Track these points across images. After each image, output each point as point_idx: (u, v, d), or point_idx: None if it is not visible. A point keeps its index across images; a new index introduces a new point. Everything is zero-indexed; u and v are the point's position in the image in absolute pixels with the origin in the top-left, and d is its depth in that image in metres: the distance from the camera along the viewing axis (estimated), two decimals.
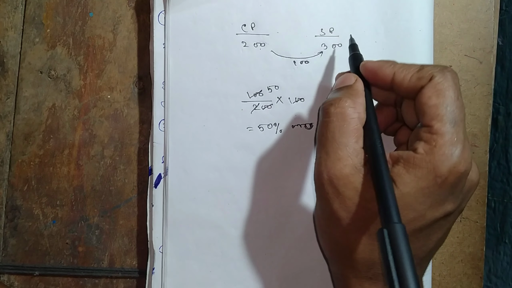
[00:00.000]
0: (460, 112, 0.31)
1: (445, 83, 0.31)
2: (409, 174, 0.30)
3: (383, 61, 0.35)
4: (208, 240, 0.41)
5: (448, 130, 0.30)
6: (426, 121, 0.31)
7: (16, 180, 0.44)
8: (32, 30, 0.44)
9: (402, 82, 0.33)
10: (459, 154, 0.29)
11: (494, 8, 0.44)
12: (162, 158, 0.41)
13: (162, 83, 0.41)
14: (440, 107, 0.30)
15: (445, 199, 0.30)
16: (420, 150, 0.30)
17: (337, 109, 0.32)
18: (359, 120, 0.32)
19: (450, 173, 0.29)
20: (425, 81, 0.31)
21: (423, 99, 0.31)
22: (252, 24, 0.41)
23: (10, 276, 0.44)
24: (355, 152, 0.31)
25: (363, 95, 0.34)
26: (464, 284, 0.44)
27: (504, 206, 0.50)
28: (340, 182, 0.31)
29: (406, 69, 0.33)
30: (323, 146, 0.33)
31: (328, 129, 0.32)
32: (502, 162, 0.50)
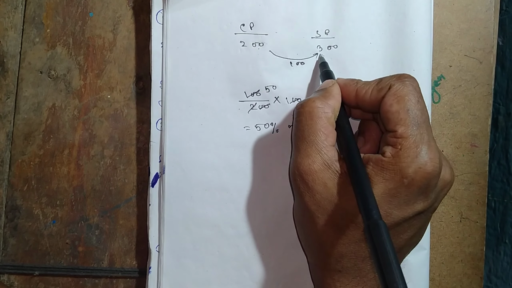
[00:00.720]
0: (422, 114, 0.32)
1: (404, 89, 0.32)
2: (377, 176, 0.31)
3: (349, 80, 0.37)
4: (205, 239, 0.41)
5: (411, 132, 0.31)
6: (391, 127, 0.32)
7: (16, 180, 0.44)
8: (32, 30, 0.44)
9: (364, 98, 0.34)
10: (425, 155, 0.31)
11: (494, 8, 0.44)
12: (159, 157, 0.41)
13: (160, 82, 0.41)
14: (401, 112, 0.32)
15: (414, 199, 0.31)
16: (387, 154, 0.31)
17: (305, 108, 0.34)
18: (327, 119, 0.34)
19: (416, 174, 0.30)
20: (385, 91, 0.33)
21: (385, 107, 0.32)
22: (251, 24, 0.41)
23: (10, 276, 0.44)
24: (324, 149, 0.33)
25: (335, 98, 0.35)
26: (464, 284, 0.44)
27: (504, 206, 0.50)
28: (309, 177, 0.32)
29: (367, 84, 0.35)
30: (295, 144, 0.34)
31: (298, 128, 0.34)
32: (502, 162, 0.50)
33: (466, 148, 0.44)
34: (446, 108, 0.44)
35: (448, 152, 0.44)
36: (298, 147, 0.34)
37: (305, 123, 0.34)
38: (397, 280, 0.25)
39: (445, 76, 0.44)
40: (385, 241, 0.27)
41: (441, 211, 0.44)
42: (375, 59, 0.41)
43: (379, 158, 0.31)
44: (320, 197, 0.32)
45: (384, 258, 0.26)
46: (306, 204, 0.33)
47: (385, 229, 0.27)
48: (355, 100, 0.35)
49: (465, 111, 0.44)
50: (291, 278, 0.41)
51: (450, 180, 0.34)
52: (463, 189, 0.44)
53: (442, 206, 0.44)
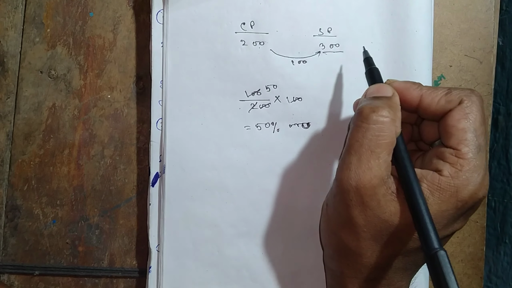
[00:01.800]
0: (484, 138, 0.31)
1: (474, 107, 0.31)
2: (433, 196, 0.30)
3: (410, 83, 0.35)
4: (205, 239, 0.41)
5: (474, 155, 0.30)
6: (453, 144, 0.31)
7: (16, 179, 0.44)
8: (32, 30, 0.44)
9: (430, 105, 0.33)
10: (481, 181, 0.30)
11: (494, 8, 0.44)
12: (160, 157, 0.41)
13: (160, 82, 0.41)
14: (468, 131, 0.31)
15: (457, 219, 0.31)
16: (445, 172, 0.30)
17: (378, 117, 0.32)
18: (396, 134, 0.32)
19: (470, 198, 0.30)
20: (454, 104, 0.32)
21: (452, 122, 0.31)
22: (252, 23, 0.41)
23: (10, 275, 0.44)
24: (385, 164, 0.31)
25: (400, 110, 0.33)
26: (465, 284, 0.44)
27: (504, 206, 0.50)
28: (367, 192, 0.31)
29: (434, 91, 0.33)
30: (356, 151, 0.32)
31: (365, 136, 0.32)
32: (502, 162, 0.50)
33: None
34: None
35: None
36: (360, 157, 0.31)
37: (374, 133, 0.31)
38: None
39: (445, 76, 0.44)
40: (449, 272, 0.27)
41: None
42: (376, 58, 0.41)
43: (435, 176, 0.31)
44: (371, 213, 0.31)
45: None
46: (353, 217, 0.32)
47: (448, 260, 0.27)
48: (417, 106, 0.34)
49: None
50: (291, 278, 0.41)
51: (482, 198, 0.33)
52: None
53: None
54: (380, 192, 0.31)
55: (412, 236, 0.31)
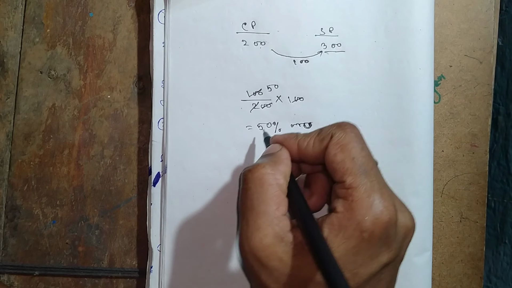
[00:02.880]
0: (368, 161, 0.30)
1: (346, 137, 0.31)
2: (337, 237, 0.29)
3: (287, 134, 0.35)
4: (206, 239, 0.41)
5: (361, 181, 0.29)
6: (338, 178, 0.30)
7: (16, 180, 0.44)
8: (32, 30, 0.44)
9: (307, 150, 0.33)
10: (379, 204, 0.29)
11: (494, 8, 0.44)
12: (161, 156, 0.41)
13: (161, 81, 0.41)
14: (347, 161, 0.30)
15: (377, 251, 0.29)
16: (339, 208, 0.29)
17: (254, 174, 0.31)
18: (278, 186, 0.31)
19: (374, 225, 0.28)
20: (327, 141, 0.31)
21: (330, 157, 0.31)
22: (253, 23, 0.41)
23: (10, 276, 0.44)
24: (276, 220, 0.30)
25: (286, 164, 0.33)
26: (464, 284, 0.44)
27: (504, 206, 0.50)
28: (262, 253, 0.29)
29: (307, 136, 0.33)
30: (243, 215, 0.31)
31: (247, 197, 0.31)
32: (502, 162, 0.50)
33: (466, 148, 0.44)
34: (446, 108, 0.44)
35: (448, 152, 0.44)
36: (247, 219, 0.30)
37: (255, 191, 0.31)
38: None
39: (445, 76, 0.44)
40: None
41: (441, 211, 0.44)
42: (380, 57, 0.41)
43: (332, 216, 0.29)
44: (278, 274, 0.29)
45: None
46: (264, 283, 0.30)
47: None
48: (298, 155, 0.33)
49: (465, 111, 0.44)
50: None
51: (411, 225, 0.31)
52: (463, 189, 0.44)
53: (442, 206, 0.44)
54: (279, 250, 0.29)
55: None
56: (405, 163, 0.40)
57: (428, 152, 0.41)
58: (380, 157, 0.36)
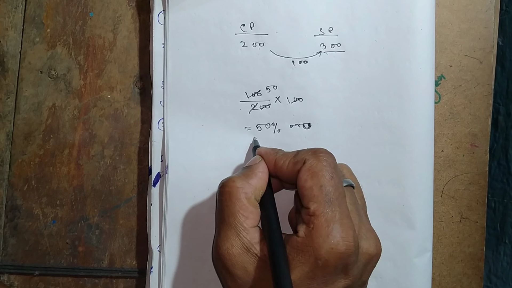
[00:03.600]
0: (335, 191, 0.31)
1: (318, 165, 0.31)
2: (294, 260, 0.30)
3: (270, 149, 0.36)
4: (206, 239, 0.41)
5: (323, 210, 0.30)
6: (305, 203, 0.31)
7: (16, 179, 0.44)
8: (32, 30, 0.44)
9: (282, 169, 0.34)
10: (337, 234, 0.29)
11: (494, 8, 0.44)
12: (161, 157, 0.41)
13: (161, 82, 0.41)
14: (315, 188, 0.31)
15: (333, 278, 0.30)
16: (300, 233, 0.30)
17: (225, 188, 0.33)
18: (247, 200, 0.32)
19: (329, 254, 0.29)
20: (300, 165, 0.32)
21: (300, 182, 0.31)
22: (251, 24, 0.41)
23: (10, 276, 0.44)
24: (243, 232, 0.32)
25: (259, 177, 0.34)
26: (464, 284, 0.44)
27: (504, 206, 0.50)
28: (228, 262, 0.31)
29: (285, 155, 0.34)
30: (217, 225, 0.33)
31: (219, 208, 0.33)
32: (502, 162, 0.50)
33: (466, 148, 0.44)
34: (446, 108, 0.44)
35: (448, 152, 0.44)
36: (219, 229, 0.33)
37: (225, 204, 0.33)
38: None
39: (446, 76, 0.44)
40: None
41: (441, 211, 0.44)
42: (381, 57, 0.41)
43: (293, 239, 0.30)
44: (242, 282, 0.31)
45: None
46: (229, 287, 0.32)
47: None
48: (274, 171, 0.35)
49: (465, 111, 0.44)
50: None
51: (375, 253, 0.32)
52: (463, 189, 0.44)
53: (442, 206, 0.44)
54: (244, 260, 0.31)
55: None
56: (406, 163, 0.40)
57: (429, 152, 0.41)
58: (380, 157, 0.36)
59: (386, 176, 0.39)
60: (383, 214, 0.41)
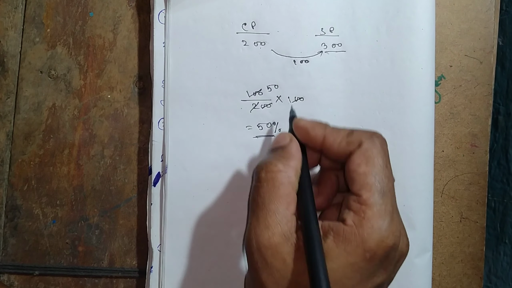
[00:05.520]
0: (388, 182, 0.30)
1: (374, 150, 0.30)
2: (339, 248, 0.29)
3: (316, 122, 0.34)
4: (206, 239, 0.41)
5: (376, 201, 0.29)
6: (355, 190, 0.30)
7: (16, 179, 0.44)
8: (32, 30, 0.44)
9: (332, 146, 0.32)
10: (387, 227, 0.29)
11: (494, 8, 0.44)
12: (161, 156, 0.41)
13: (162, 81, 0.41)
14: (369, 176, 0.30)
15: (375, 272, 0.29)
16: (349, 221, 0.29)
17: (267, 174, 0.31)
18: (290, 185, 0.31)
19: (378, 247, 0.28)
20: (354, 147, 0.31)
21: (353, 166, 0.30)
22: (253, 23, 0.41)
23: (10, 275, 0.44)
24: (285, 219, 0.30)
25: (297, 158, 0.32)
26: (464, 284, 0.44)
27: (504, 206, 0.50)
28: (268, 251, 0.29)
29: (337, 132, 0.32)
30: (254, 212, 0.31)
31: (259, 195, 0.31)
32: (502, 162, 0.50)
33: (466, 148, 0.44)
34: (447, 108, 0.44)
35: (448, 152, 0.44)
36: (257, 216, 0.31)
37: (267, 190, 0.31)
38: None
39: (446, 76, 0.44)
40: None
41: (441, 211, 0.44)
42: (382, 57, 0.41)
43: (340, 227, 0.29)
44: (279, 275, 0.29)
45: None
46: (263, 282, 0.30)
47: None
48: (321, 146, 0.33)
49: (465, 111, 0.44)
50: None
51: (406, 251, 0.32)
52: (463, 189, 0.44)
53: (442, 206, 0.44)
54: (284, 250, 0.29)
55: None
56: (406, 163, 0.40)
57: (429, 152, 0.41)
58: None
59: None
60: None
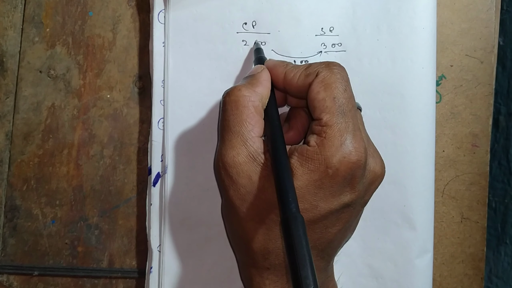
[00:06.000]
0: (348, 103, 0.31)
1: (332, 77, 0.31)
2: (302, 167, 0.30)
3: (279, 61, 0.35)
4: (206, 239, 0.41)
5: (336, 121, 0.30)
6: (317, 115, 0.31)
7: (15, 180, 0.44)
8: (31, 30, 0.44)
9: (292, 81, 0.33)
10: (350, 144, 0.30)
11: (495, 8, 0.44)
12: (161, 156, 0.41)
13: (161, 81, 0.41)
14: (327, 100, 0.31)
15: (341, 190, 0.30)
16: (312, 142, 0.31)
17: (231, 97, 0.33)
18: (254, 108, 0.32)
19: (340, 163, 0.30)
20: (312, 77, 0.32)
21: (312, 94, 0.32)
22: (253, 23, 0.41)
23: (9, 276, 0.44)
24: (250, 141, 0.31)
25: (264, 85, 0.34)
26: (465, 285, 0.44)
27: (505, 207, 0.50)
28: (233, 170, 0.31)
29: (296, 68, 0.34)
30: (220, 134, 0.33)
31: (224, 118, 0.33)
32: (503, 163, 0.50)
33: (467, 148, 0.44)
34: (447, 108, 0.44)
35: (449, 152, 0.44)
36: (223, 138, 0.32)
37: (231, 113, 0.32)
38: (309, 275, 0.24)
39: (446, 75, 0.44)
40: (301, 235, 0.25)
41: (442, 211, 0.44)
42: (383, 56, 0.41)
43: (304, 148, 0.31)
44: (245, 191, 0.31)
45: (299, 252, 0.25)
46: (231, 198, 0.32)
47: (302, 223, 0.26)
48: (283, 84, 0.34)
49: (466, 111, 0.44)
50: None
51: (380, 172, 0.33)
52: (464, 189, 0.44)
53: (443, 207, 0.44)
54: (249, 168, 0.31)
55: None
56: (407, 163, 0.40)
57: (430, 152, 0.41)
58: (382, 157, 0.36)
59: (387, 176, 0.39)
60: (384, 214, 0.40)
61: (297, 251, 0.25)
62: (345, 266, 0.41)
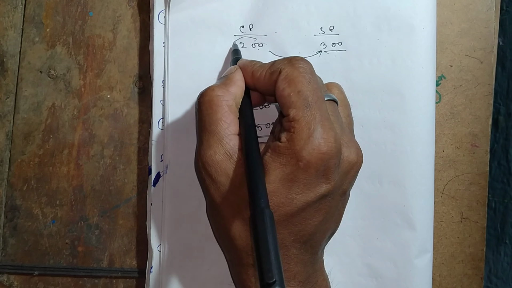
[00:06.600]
0: (313, 95, 0.31)
1: (294, 72, 0.32)
2: (274, 162, 0.31)
3: (247, 61, 0.36)
4: (206, 239, 0.41)
5: (303, 114, 0.30)
6: (285, 111, 0.31)
7: (15, 179, 0.44)
8: (31, 30, 0.44)
9: (259, 80, 0.34)
10: (318, 136, 0.30)
11: (495, 8, 0.44)
12: (161, 156, 0.41)
13: (161, 81, 0.41)
14: (293, 95, 0.31)
15: (315, 182, 0.31)
16: (282, 139, 0.31)
17: (205, 97, 0.33)
18: (228, 107, 0.33)
19: (311, 155, 0.30)
20: (276, 75, 0.32)
21: (278, 92, 0.32)
22: (250, 25, 0.41)
23: (9, 276, 0.44)
24: (226, 139, 0.32)
25: (237, 85, 0.35)
26: (465, 285, 0.44)
27: (505, 207, 0.50)
28: (212, 168, 0.32)
29: (262, 66, 0.34)
30: (198, 135, 0.34)
31: (199, 118, 0.34)
32: (502, 163, 0.50)
33: (466, 148, 0.44)
34: (447, 108, 0.44)
35: (449, 152, 0.44)
36: (201, 138, 0.33)
37: (206, 113, 0.33)
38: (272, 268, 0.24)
39: (446, 76, 0.44)
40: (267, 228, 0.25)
41: (442, 211, 0.44)
42: (383, 56, 0.40)
43: (275, 144, 0.31)
44: (224, 189, 0.32)
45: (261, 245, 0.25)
46: (212, 197, 0.32)
47: (270, 217, 0.26)
48: (252, 82, 0.35)
49: (465, 111, 0.44)
50: None
51: (355, 161, 0.33)
52: (463, 189, 0.44)
53: (442, 207, 0.44)
54: (227, 166, 0.32)
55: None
56: (407, 163, 0.40)
57: (429, 152, 0.41)
58: (381, 157, 0.36)
59: (387, 176, 0.39)
60: (383, 214, 0.40)
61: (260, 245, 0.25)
62: (344, 265, 0.41)
